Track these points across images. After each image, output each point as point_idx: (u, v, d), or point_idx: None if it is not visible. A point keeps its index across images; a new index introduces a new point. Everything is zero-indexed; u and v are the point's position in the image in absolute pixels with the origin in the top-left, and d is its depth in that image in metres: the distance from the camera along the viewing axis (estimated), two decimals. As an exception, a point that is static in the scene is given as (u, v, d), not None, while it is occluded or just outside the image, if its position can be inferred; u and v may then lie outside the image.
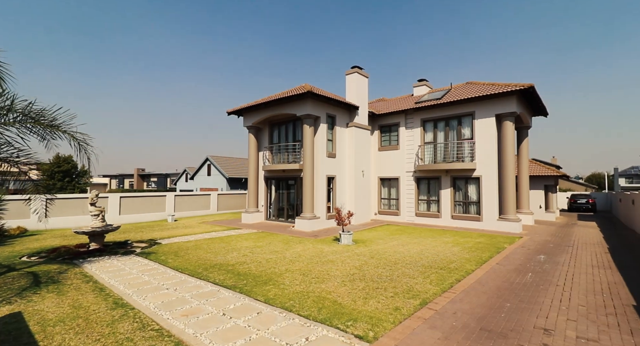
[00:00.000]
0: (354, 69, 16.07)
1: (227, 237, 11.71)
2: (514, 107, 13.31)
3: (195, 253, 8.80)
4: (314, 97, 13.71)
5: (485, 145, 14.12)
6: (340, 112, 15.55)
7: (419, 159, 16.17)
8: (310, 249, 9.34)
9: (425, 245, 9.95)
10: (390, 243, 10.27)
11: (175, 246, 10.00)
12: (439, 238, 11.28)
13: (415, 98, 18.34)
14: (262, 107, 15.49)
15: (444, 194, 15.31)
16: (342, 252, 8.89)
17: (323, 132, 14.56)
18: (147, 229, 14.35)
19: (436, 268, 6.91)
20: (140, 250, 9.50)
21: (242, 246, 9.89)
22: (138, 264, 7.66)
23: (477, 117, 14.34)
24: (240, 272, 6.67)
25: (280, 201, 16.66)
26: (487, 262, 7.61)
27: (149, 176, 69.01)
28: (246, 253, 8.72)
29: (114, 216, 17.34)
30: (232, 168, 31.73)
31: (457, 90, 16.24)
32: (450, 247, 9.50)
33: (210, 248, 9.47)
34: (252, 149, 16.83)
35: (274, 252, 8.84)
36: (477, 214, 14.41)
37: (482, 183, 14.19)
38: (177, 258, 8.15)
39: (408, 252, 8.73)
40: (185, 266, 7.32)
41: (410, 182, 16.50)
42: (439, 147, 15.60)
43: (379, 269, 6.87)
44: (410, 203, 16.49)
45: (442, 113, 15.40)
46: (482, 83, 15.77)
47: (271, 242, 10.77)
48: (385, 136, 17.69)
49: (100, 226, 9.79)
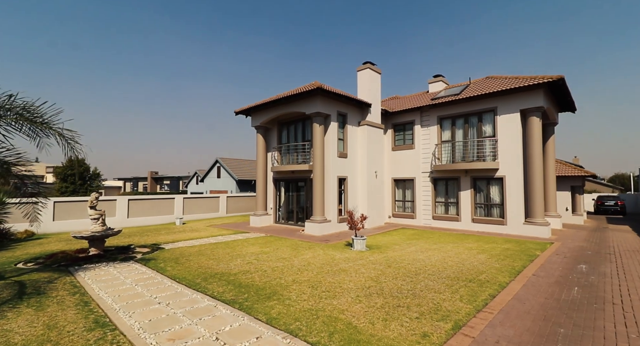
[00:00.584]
0: (365, 64, 15.31)
1: (233, 242, 11.09)
2: (541, 101, 12.27)
3: (197, 260, 8.18)
4: (323, 94, 13.02)
5: (509, 143, 13.09)
6: (351, 110, 14.80)
7: (435, 159, 15.24)
8: (320, 256, 8.60)
9: (446, 251, 9.07)
10: (408, 250, 9.42)
11: (177, 251, 9.43)
12: (460, 244, 10.36)
13: (430, 95, 17.41)
14: (270, 105, 14.91)
15: (464, 196, 14.33)
16: (355, 259, 8.11)
17: (334, 131, 13.83)
18: (154, 233, 13.91)
19: (464, 280, 6.06)
20: (140, 256, 8.97)
21: (248, 252, 9.23)
22: (134, 272, 7.09)
23: (500, 113, 13.33)
24: (242, 283, 5.99)
25: (289, 203, 15.99)
26: (521, 273, 6.70)
27: (162, 179, 69.64)
28: (251, 260, 8.05)
29: (122, 219, 17.04)
30: (242, 170, 31.33)
31: (477, 85, 15.25)
32: (475, 254, 8.59)
33: (214, 254, 8.84)
34: (261, 150, 16.26)
35: (281, 259, 8.14)
36: (500, 217, 13.37)
37: (505, 184, 13.15)
38: (176, 266, 7.54)
39: (429, 260, 7.87)
40: (184, 275, 6.69)
41: (427, 183, 15.57)
42: (457, 145, 14.64)
43: (398, 281, 6.07)
44: (426, 205, 15.55)
45: (460, 109, 14.45)
46: (503, 77, 14.74)
47: (279, 247, 10.08)
48: (400, 135, 16.82)
49: (100, 230, 9.31)
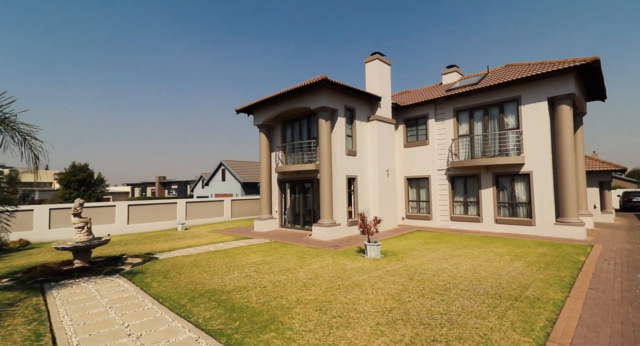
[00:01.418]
0: (374, 55, 14.22)
1: (233, 250, 10.09)
2: (572, 87, 11.00)
3: (190, 272, 7.19)
4: (329, 87, 11.98)
5: (536, 136, 11.83)
6: (360, 104, 13.72)
7: (452, 155, 14.03)
8: (329, 266, 7.53)
9: (474, 258, 7.89)
10: (429, 256, 8.28)
11: (170, 262, 8.47)
12: (487, 249, 9.16)
13: (444, 87, 16.21)
14: (273, 102, 13.93)
15: (485, 194, 13.08)
16: (370, 269, 7.01)
17: (341, 126, 12.77)
18: (152, 240, 13.04)
19: (509, 298, 4.91)
20: (129, 268, 8.03)
21: (248, 262, 8.22)
22: (115, 290, 6.13)
23: (524, 103, 12.08)
24: (235, 305, 4.96)
25: (295, 206, 14.96)
26: (574, 286, 5.51)
27: (170, 183, 69.52)
28: (250, 272, 7.02)
29: (122, 226, 16.26)
30: (247, 173, 30.46)
31: (495, 74, 14.01)
32: (509, 262, 7.40)
33: (210, 266, 7.85)
34: (264, 149, 15.28)
35: (284, 271, 7.10)
36: (527, 217, 12.09)
37: (532, 180, 11.88)
38: (164, 281, 6.56)
39: (457, 270, 6.73)
40: (169, 293, 5.70)
41: (443, 182, 14.36)
42: (476, 139, 13.41)
43: (426, 300, 4.96)
44: (443, 205, 14.33)
45: (479, 100, 13.23)
46: (525, 64, 13.47)
47: (283, 255, 9.04)
48: (412, 130, 15.66)
49: (85, 240, 8.41)
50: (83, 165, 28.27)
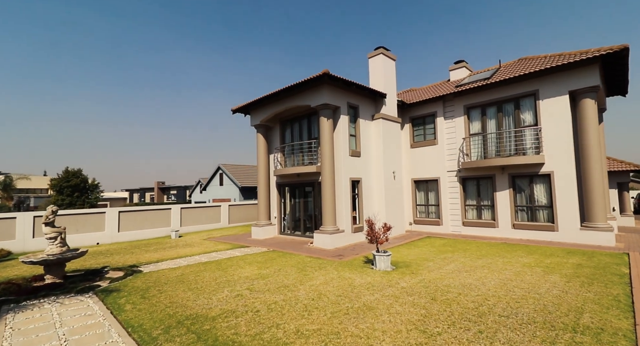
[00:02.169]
0: (378, 49, 13.33)
1: (227, 261, 9.10)
2: (597, 79, 10.06)
3: (173, 291, 6.20)
4: (331, 82, 11.07)
5: (557, 133, 10.87)
6: (363, 102, 12.80)
7: (464, 155, 13.06)
8: (334, 281, 6.53)
9: (500, 270, 6.89)
10: (447, 269, 7.27)
11: (154, 277, 7.48)
12: (511, 258, 8.15)
13: (453, 83, 15.30)
14: (271, 100, 13.02)
15: (501, 197, 12.08)
16: (382, 286, 6.02)
17: (344, 125, 11.83)
18: (142, 249, 12.07)
19: (564, 329, 3.90)
20: (107, 284, 7.05)
21: (242, 276, 7.23)
22: (80, 314, 5.15)
23: (543, 97, 11.14)
24: (219, 339, 3.96)
25: (295, 211, 13.98)
26: (636, 309, 4.50)
27: (169, 189, 68.58)
28: (242, 290, 6.03)
29: (112, 233, 15.28)
30: (245, 177, 29.49)
31: (508, 68, 13.10)
32: (542, 275, 6.39)
33: (197, 281, 6.86)
34: (262, 151, 14.35)
35: (282, 288, 6.10)
36: (549, 222, 11.08)
37: (554, 181, 10.89)
38: (141, 302, 5.57)
39: (485, 286, 5.73)
40: (143, 320, 4.71)
41: (454, 184, 13.37)
42: (490, 138, 12.46)
43: (460, 331, 3.96)
44: (455, 209, 13.33)
45: (492, 96, 12.30)
46: (541, 56, 12.57)
47: (282, 267, 8.05)
48: (419, 129, 14.71)
49: (57, 253, 7.43)
50: (77, 170, 27.36)
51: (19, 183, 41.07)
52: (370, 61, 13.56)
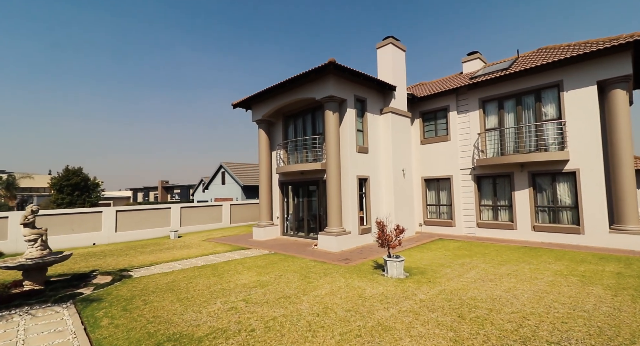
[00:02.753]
0: (387, 39, 12.52)
1: (224, 265, 8.40)
2: (629, 67, 9.17)
3: (160, 301, 5.49)
4: (337, 73, 10.30)
5: (583, 127, 9.99)
6: (371, 95, 12.01)
7: (479, 152, 12.22)
8: (342, 291, 5.78)
9: (530, 280, 6.08)
10: (468, 276, 6.48)
11: (143, 283, 6.80)
12: (538, 264, 7.32)
13: (466, 75, 14.44)
14: (273, 93, 12.29)
15: (519, 197, 11.23)
16: (397, 298, 5.25)
17: (351, 119, 11.06)
18: (138, 250, 11.44)
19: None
20: (89, 292, 6.38)
21: (239, 283, 6.51)
22: (48, 331, 4.46)
23: (567, 88, 10.26)
24: (204, 367, 3.24)
25: (299, 211, 13.24)
26: None
27: (173, 188, 68.36)
28: (237, 302, 5.30)
29: (110, 234, 14.69)
30: (248, 176, 28.82)
31: (527, 58, 12.22)
32: (581, 286, 5.57)
33: (189, 289, 6.15)
34: (264, 148, 13.62)
35: (282, 300, 5.37)
36: (573, 224, 10.21)
37: (580, 179, 10.02)
38: (121, 315, 4.87)
39: (518, 300, 4.93)
40: (117, 340, 4.01)
41: (468, 182, 12.53)
42: (507, 133, 11.59)
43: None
44: (469, 210, 12.49)
45: (510, 88, 11.43)
46: (564, 45, 11.67)
47: (283, 273, 7.32)
48: (430, 125, 13.88)
49: (37, 257, 6.79)
50: (77, 168, 26.90)
51: (22, 182, 40.86)
52: (378, 52, 12.76)
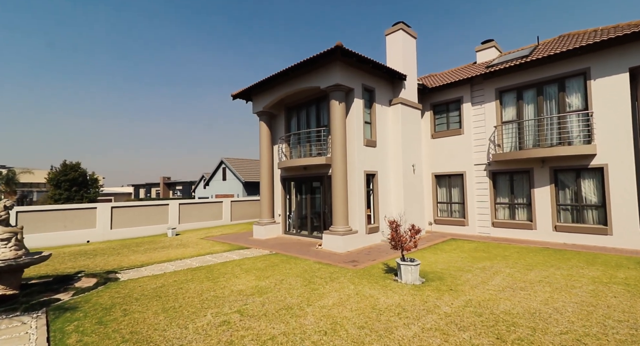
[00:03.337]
0: (397, 25, 11.68)
1: (221, 266, 7.68)
2: (667, 51, 8.32)
3: (141, 312, 4.78)
4: (345, 59, 9.49)
5: (612, 118, 9.14)
6: (380, 84, 11.21)
7: (495, 146, 11.39)
8: (352, 300, 5.04)
9: (566, 288, 5.31)
10: (494, 284, 5.72)
11: (128, 288, 6.09)
12: (569, 270, 6.54)
13: (480, 65, 13.57)
14: (275, 82, 11.50)
15: (540, 194, 10.41)
16: (418, 311, 4.50)
17: (358, 110, 10.27)
18: (131, 249, 10.79)
19: None
20: (67, 298, 5.70)
21: (235, 289, 5.78)
22: (6, 349, 3.77)
23: (595, 76, 9.40)
24: None
25: (302, 209, 12.50)
26: None
27: (175, 184, 67.98)
28: (231, 315, 4.58)
29: (104, 231, 14.05)
30: (249, 171, 28.11)
31: (549, 46, 11.34)
32: (631, 298, 4.79)
33: (177, 297, 5.44)
34: (265, 142, 12.86)
35: (283, 312, 4.64)
36: (600, 224, 9.39)
37: (608, 176, 9.18)
38: (95, 330, 4.16)
39: (562, 316, 4.17)
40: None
41: (483, 179, 11.72)
42: (527, 126, 10.76)
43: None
44: (483, 208, 11.69)
45: (531, 77, 10.58)
46: (589, 30, 10.80)
47: (285, 276, 6.59)
48: (441, 118, 13.05)
49: (10, 258, 6.08)
50: (75, 163, 26.32)
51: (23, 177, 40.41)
52: (387, 39, 11.93)
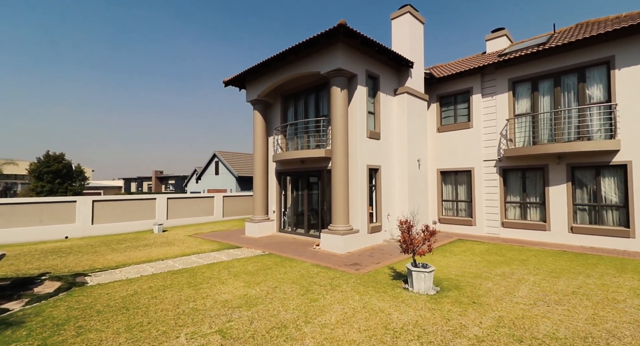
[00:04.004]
0: (404, 8, 10.79)
1: (206, 269, 6.79)
2: None
3: (99, 331, 3.89)
4: (348, 40, 8.58)
5: (638, 111, 8.39)
6: (385, 71, 10.33)
7: (506, 141, 10.62)
8: (358, 316, 4.20)
9: (608, 302, 4.54)
10: (521, 295, 4.92)
11: (93, 296, 5.18)
12: (600, 278, 5.78)
13: (491, 55, 12.75)
14: (271, 67, 10.54)
15: (555, 193, 9.67)
16: (442, 333, 3.69)
17: (362, 98, 9.39)
18: (111, 247, 9.84)
19: None
20: (17, 308, 4.77)
21: (219, 299, 4.91)
22: None
23: (620, 66, 8.63)
24: None
25: (298, 205, 11.63)
26: None
27: (167, 178, 66.72)
28: (211, 336, 3.70)
29: (85, 226, 13.04)
30: (243, 166, 27.10)
31: (566, 34, 10.55)
32: (689, 316, 4.04)
33: (149, 310, 4.54)
34: (259, 133, 11.92)
35: (276, 332, 3.78)
36: (622, 226, 8.68)
37: (632, 174, 8.46)
38: (35, 356, 3.26)
39: (621, 342, 3.38)
40: None
41: (493, 176, 10.96)
42: (542, 119, 9.99)
43: None
44: (492, 207, 10.94)
45: (547, 66, 9.79)
46: (610, 17, 10.03)
47: (279, 283, 5.73)
48: (448, 110, 12.23)
49: (-49, 259, 5.14)
50: (59, 154, 25.03)
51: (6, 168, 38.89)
52: (393, 23, 11.04)
